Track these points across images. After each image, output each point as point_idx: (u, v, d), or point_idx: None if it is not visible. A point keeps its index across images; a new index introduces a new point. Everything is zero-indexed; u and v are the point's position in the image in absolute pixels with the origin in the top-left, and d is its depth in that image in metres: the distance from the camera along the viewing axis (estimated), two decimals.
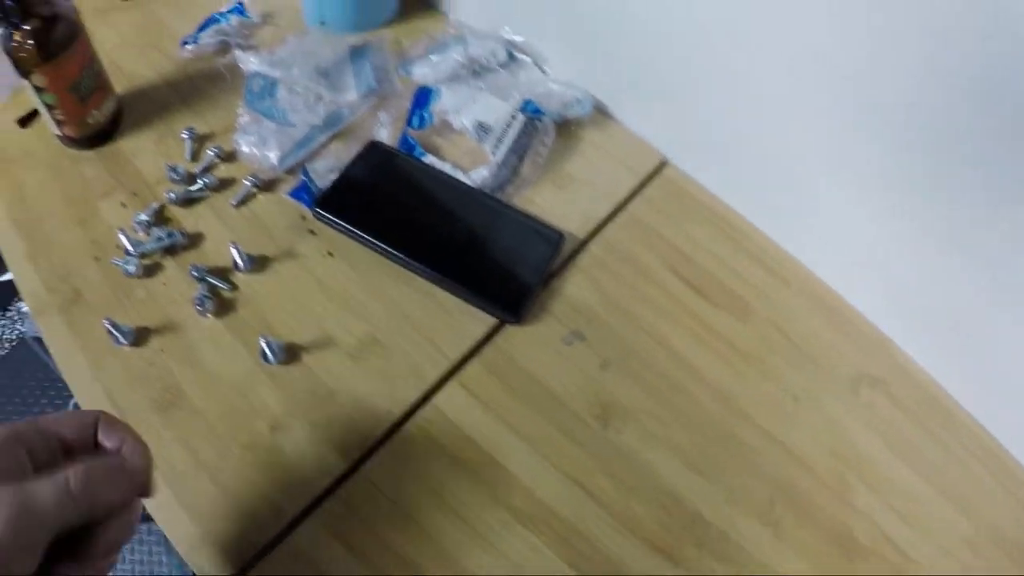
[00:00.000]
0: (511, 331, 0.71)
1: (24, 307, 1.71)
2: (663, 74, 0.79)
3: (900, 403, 0.72)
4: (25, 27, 0.69)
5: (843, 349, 0.75)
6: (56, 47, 0.71)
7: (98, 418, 0.46)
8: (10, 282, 0.73)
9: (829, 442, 0.69)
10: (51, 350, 0.67)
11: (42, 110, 0.76)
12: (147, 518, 0.55)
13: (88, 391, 0.65)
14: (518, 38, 0.89)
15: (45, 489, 0.39)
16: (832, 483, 0.66)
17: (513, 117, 0.78)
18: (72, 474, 0.40)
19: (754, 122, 0.74)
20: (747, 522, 0.63)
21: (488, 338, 0.70)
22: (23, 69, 0.71)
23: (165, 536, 0.59)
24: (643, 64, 0.80)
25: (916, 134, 0.62)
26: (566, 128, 0.85)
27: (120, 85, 0.83)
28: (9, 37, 0.69)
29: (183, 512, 0.59)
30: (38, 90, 0.74)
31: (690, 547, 0.61)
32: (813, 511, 0.65)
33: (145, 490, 0.46)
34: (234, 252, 0.70)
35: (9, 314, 1.80)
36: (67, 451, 0.44)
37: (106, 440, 0.46)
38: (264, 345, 0.65)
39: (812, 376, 0.72)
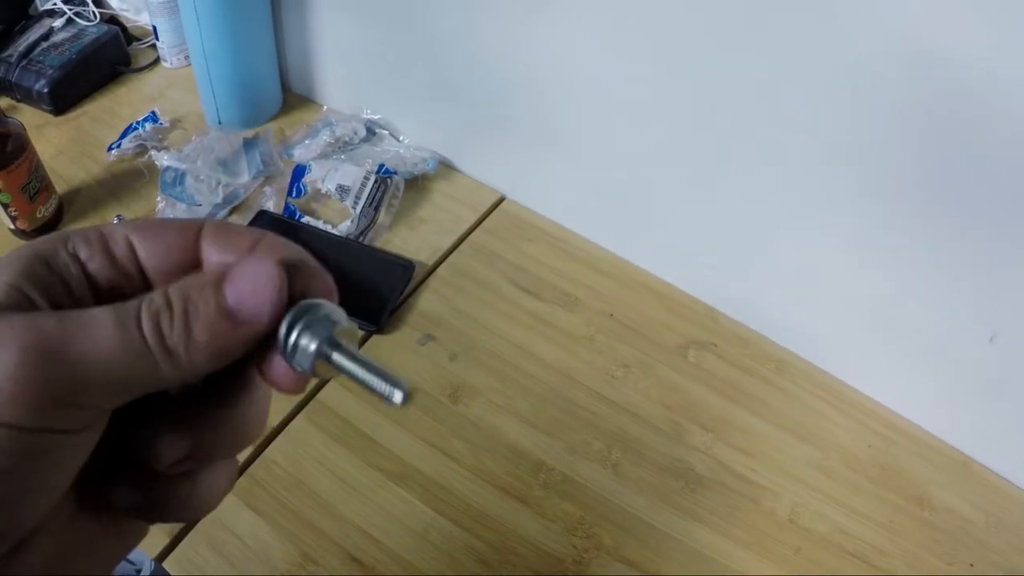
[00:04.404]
0: (376, 339, 0.88)
1: None
2: (501, 130, 0.99)
3: (729, 359, 0.88)
4: None
5: (670, 323, 0.91)
6: (9, 157, 0.88)
7: (202, 227, 0.27)
8: None
9: (660, 397, 0.84)
10: None
11: None
12: None
13: None
14: (376, 116, 1.09)
15: (97, 323, 0.22)
16: (667, 430, 0.81)
17: (366, 178, 0.96)
18: (147, 303, 0.23)
19: (580, 155, 0.93)
20: (587, 466, 0.78)
21: (358, 347, 0.86)
22: None
23: None
24: (481, 125, 1.00)
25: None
26: (417, 182, 1.04)
27: (60, 187, 1.00)
28: None
29: None
30: None
31: (537, 489, 0.76)
32: (649, 452, 0.79)
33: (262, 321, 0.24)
34: None
35: None
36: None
37: (215, 258, 0.26)
38: None
39: (640, 347, 0.88)
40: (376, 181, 0.96)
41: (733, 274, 0.89)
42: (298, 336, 0.25)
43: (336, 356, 0.25)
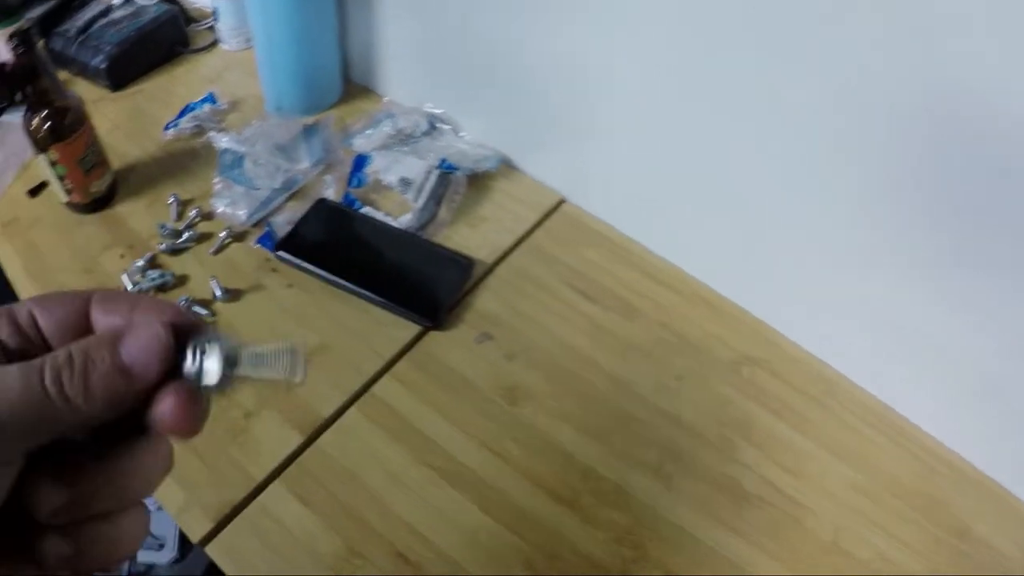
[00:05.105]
0: (433, 336, 0.87)
1: None
2: (559, 132, 0.98)
3: (782, 377, 0.87)
4: (43, 113, 0.87)
5: (726, 338, 0.90)
6: (67, 130, 0.89)
7: (90, 297, 0.32)
8: None
9: (713, 411, 0.83)
10: None
11: (54, 180, 0.93)
12: None
13: None
14: (439, 111, 1.09)
15: (6, 375, 0.27)
16: (718, 444, 0.80)
17: (429, 172, 0.96)
18: (50, 359, 0.28)
19: (637, 160, 0.93)
20: (639, 477, 0.77)
21: (414, 342, 0.86)
22: (40, 146, 0.89)
23: None
24: (541, 125, 1.00)
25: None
26: (478, 179, 1.03)
27: (114, 162, 1.00)
28: (30, 120, 0.87)
29: (173, 482, 0.73)
30: (52, 163, 0.90)
31: (587, 496, 0.75)
32: (700, 467, 0.79)
33: (141, 377, 0.29)
34: (214, 285, 0.87)
35: None
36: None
37: (103, 320, 0.31)
38: None
39: (695, 360, 0.87)
40: (439, 176, 0.96)
41: (787, 293, 0.89)
42: (202, 357, 0.29)
43: (243, 357, 0.30)
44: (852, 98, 0.70)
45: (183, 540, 1.48)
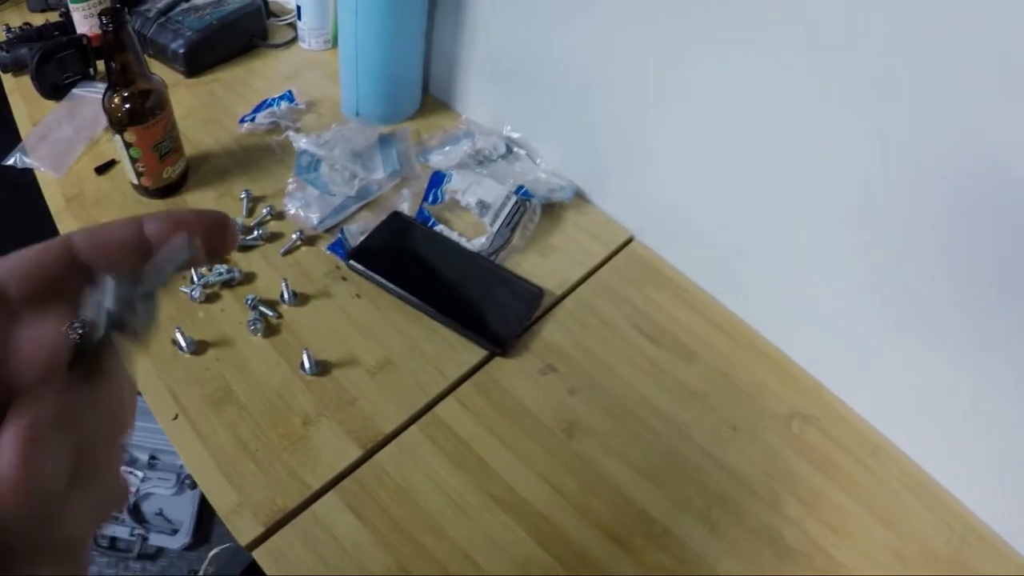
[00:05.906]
0: (498, 362, 0.88)
1: None
2: (630, 172, 0.99)
3: (830, 436, 0.87)
4: (124, 93, 0.87)
5: (779, 391, 0.91)
6: (147, 113, 0.89)
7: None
8: None
9: (762, 463, 0.83)
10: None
11: (125, 161, 0.93)
12: None
13: (153, 387, 0.80)
14: (516, 135, 1.09)
15: None
16: (765, 496, 0.81)
17: (507, 198, 0.97)
18: None
19: (704, 208, 0.93)
20: (687, 522, 0.78)
21: (480, 366, 0.87)
22: (117, 126, 0.89)
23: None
24: (613, 163, 1.00)
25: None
26: (551, 209, 1.04)
27: (186, 149, 1.00)
28: (111, 98, 0.87)
29: (226, 482, 0.74)
30: (127, 145, 0.90)
31: (638, 537, 0.76)
32: (746, 517, 0.79)
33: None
34: (283, 286, 0.87)
35: None
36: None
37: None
38: (305, 356, 0.81)
39: (749, 411, 0.88)
40: (516, 202, 0.96)
41: (839, 353, 0.89)
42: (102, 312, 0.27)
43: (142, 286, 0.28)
44: (921, 178, 0.71)
45: (197, 529, 1.49)
